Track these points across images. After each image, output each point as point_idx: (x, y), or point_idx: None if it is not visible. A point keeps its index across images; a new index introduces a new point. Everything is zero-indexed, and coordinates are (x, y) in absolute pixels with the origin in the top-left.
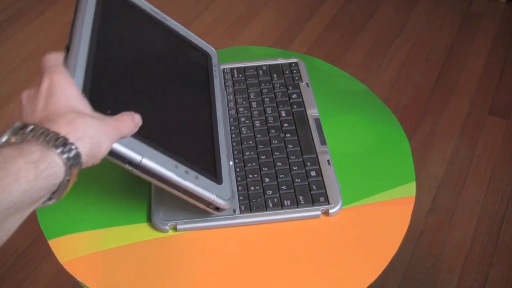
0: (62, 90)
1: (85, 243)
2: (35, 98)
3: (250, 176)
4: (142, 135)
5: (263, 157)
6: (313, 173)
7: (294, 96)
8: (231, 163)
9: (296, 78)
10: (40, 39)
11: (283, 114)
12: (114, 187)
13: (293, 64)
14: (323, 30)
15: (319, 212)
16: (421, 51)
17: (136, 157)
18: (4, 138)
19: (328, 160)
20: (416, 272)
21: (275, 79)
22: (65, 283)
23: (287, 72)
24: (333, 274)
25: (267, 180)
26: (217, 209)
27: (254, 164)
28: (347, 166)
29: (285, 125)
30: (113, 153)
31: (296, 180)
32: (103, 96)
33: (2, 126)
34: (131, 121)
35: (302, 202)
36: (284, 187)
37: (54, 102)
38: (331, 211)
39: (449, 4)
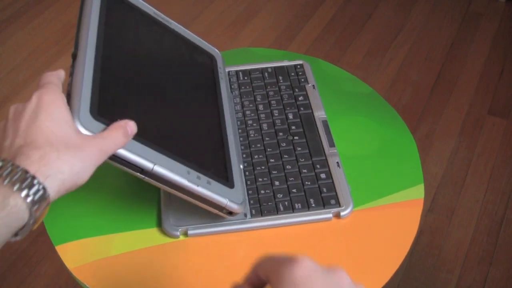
0: (49, 110)
1: (94, 248)
2: (20, 116)
3: (260, 179)
4: (153, 141)
5: (272, 160)
6: (323, 176)
7: (300, 98)
8: (241, 166)
9: (302, 80)
10: (40, 39)
11: (290, 116)
12: (123, 192)
13: (299, 66)
14: (322, 30)
15: (330, 215)
16: (421, 51)
17: (147, 164)
18: None
19: (337, 162)
20: (415, 271)
21: (281, 81)
22: (64, 283)
23: (292, 74)
24: None
25: (277, 183)
26: (230, 213)
27: (263, 167)
28: (356, 168)
29: (293, 127)
30: (123, 161)
31: (306, 183)
32: (111, 104)
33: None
34: (120, 134)
35: (313, 205)
36: (294, 190)
37: (36, 127)
38: (342, 213)
39: (448, 4)
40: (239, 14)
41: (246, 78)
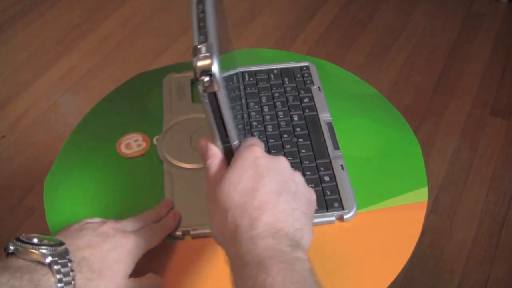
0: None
1: None
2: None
3: None
4: None
5: None
6: (326, 178)
7: (306, 100)
8: None
9: (308, 82)
10: (41, 40)
11: (295, 118)
12: (127, 192)
13: (304, 68)
14: (324, 30)
15: (333, 218)
16: (423, 51)
17: (236, 141)
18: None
19: (341, 165)
20: (417, 272)
21: (287, 83)
22: None
23: (298, 75)
24: (348, 279)
25: None
26: None
27: None
28: (359, 171)
29: (298, 129)
30: (223, 126)
31: (310, 185)
32: None
33: (2, 127)
34: None
35: (316, 207)
36: None
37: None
38: (345, 216)
39: (450, 4)
40: (242, 14)
41: (251, 79)
